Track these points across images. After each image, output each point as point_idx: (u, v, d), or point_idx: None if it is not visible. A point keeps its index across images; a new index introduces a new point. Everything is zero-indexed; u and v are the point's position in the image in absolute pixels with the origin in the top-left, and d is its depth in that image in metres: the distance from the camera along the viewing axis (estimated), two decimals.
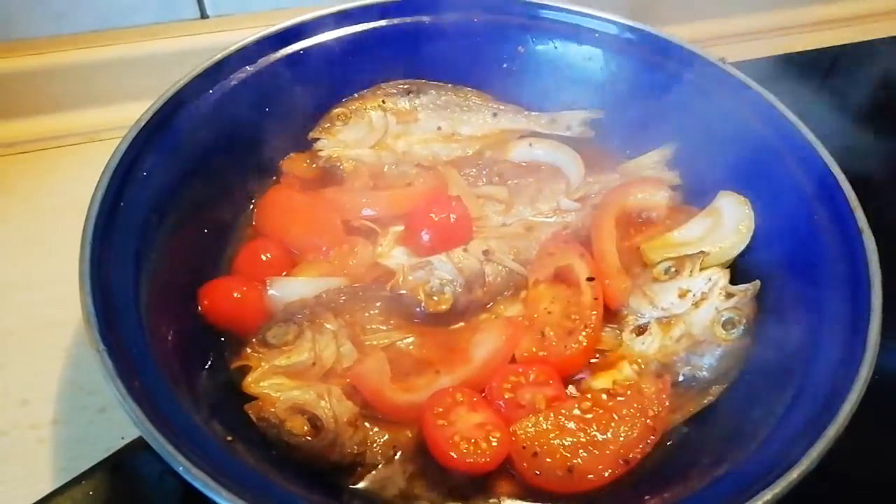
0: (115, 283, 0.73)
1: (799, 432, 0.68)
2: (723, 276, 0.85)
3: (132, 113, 1.15)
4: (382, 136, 1.07)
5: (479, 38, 1.10)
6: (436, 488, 0.75)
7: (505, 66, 1.12)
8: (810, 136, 0.89)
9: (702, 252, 0.88)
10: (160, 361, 0.71)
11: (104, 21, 1.16)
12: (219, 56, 0.96)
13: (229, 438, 0.66)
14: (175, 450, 0.58)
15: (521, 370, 0.81)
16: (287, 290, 0.87)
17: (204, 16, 1.22)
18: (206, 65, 0.95)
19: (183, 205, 0.89)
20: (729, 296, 0.83)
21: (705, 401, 0.81)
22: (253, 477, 0.62)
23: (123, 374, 0.64)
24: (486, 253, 0.91)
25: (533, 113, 1.12)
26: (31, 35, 1.14)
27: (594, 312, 0.85)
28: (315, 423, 0.75)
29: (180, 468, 0.57)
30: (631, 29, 1.06)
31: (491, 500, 0.75)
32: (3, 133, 1.16)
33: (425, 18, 1.09)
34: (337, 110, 1.06)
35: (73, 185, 1.11)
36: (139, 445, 0.62)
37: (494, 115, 1.12)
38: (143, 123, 0.86)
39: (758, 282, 0.83)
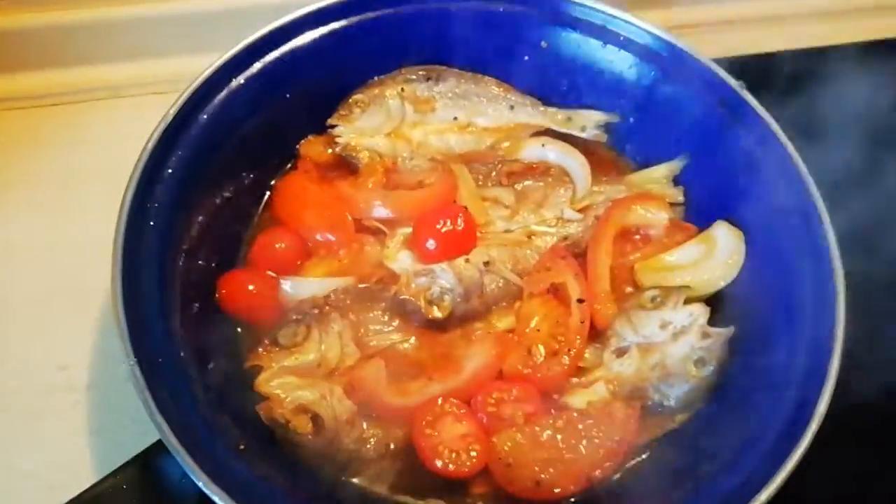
0: (143, 290, 0.81)
1: (757, 467, 0.77)
2: (703, 315, 0.91)
3: (154, 70, 1.19)
4: (399, 124, 1.10)
5: (502, 29, 1.10)
6: (421, 485, 0.86)
7: (526, 58, 1.12)
8: (813, 190, 0.91)
9: (687, 287, 0.94)
10: (182, 362, 0.80)
11: None
12: (242, 44, 0.98)
13: (241, 447, 0.76)
14: (196, 465, 0.68)
15: (505, 386, 0.89)
16: (299, 287, 0.94)
17: None
18: (231, 53, 0.97)
19: (207, 196, 0.95)
20: (705, 336, 0.89)
21: (669, 427, 0.90)
22: (262, 487, 0.72)
23: (152, 385, 0.72)
24: (486, 264, 0.97)
25: (549, 109, 1.13)
26: None
27: (579, 337, 0.92)
28: (317, 421, 0.84)
29: (201, 483, 0.67)
30: (658, 38, 1.05)
31: (468, 501, 0.86)
32: (31, 85, 1.19)
33: (451, 6, 1.08)
34: (356, 97, 1.08)
35: (103, 142, 1.18)
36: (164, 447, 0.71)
37: (511, 107, 1.13)
38: (169, 119, 0.90)
39: (732, 328, 0.89)
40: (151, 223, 0.85)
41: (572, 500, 0.85)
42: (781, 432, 0.77)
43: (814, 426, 0.76)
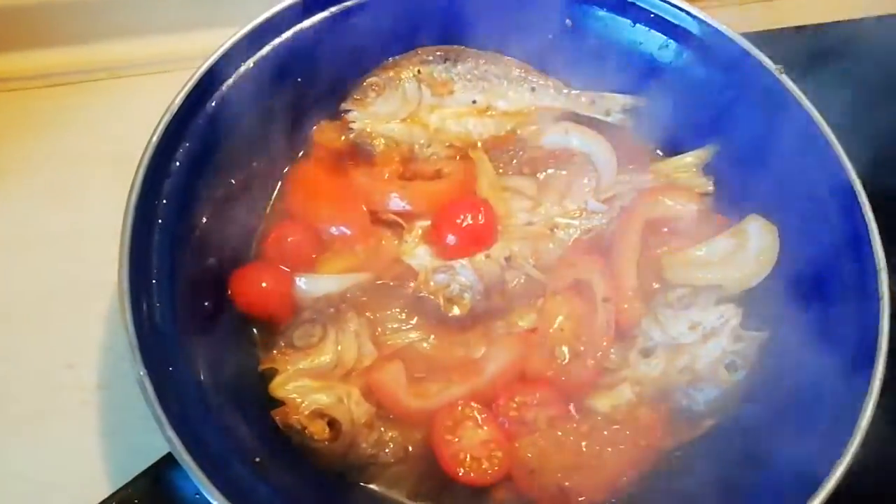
0: (153, 293, 0.77)
1: (794, 479, 0.74)
2: (735, 316, 0.87)
3: (154, 49, 1.13)
4: (416, 108, 1.04)
5: (524, 5, 1.04)
6: (440, 491, 0.84)
7: (550, 37, 1.06)
8: (854, 179, 0.86)
9: (718, 286, 0.89)
10: (194, 369, 0.77)
11: None
12: (250, 25, 0.92)
13: (257, 460, 0.73)
14: (211, 483, 0.65)
15: (527, 390, 0.86)
16: (314, 284, 0.90)
17: None
18: (239, 35, 0.91)
19: (217, 189, 0.90)
20: (737, 339, 0.86)
21: (697, 432, 0.87)
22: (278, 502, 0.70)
23: (163, 398, 0.69)
24: (507, 259, 0.93)
25: (573, 92, 1.08)
26: None
27: (605, 340, 0.88)
28: (334, 425, 0.82)
29: (216, 502, 0.65)
30: (691, 17, 0.99)
31: None
32: (24, 65, 1.14)
33: None
34: (371, 80, 1.03)
35: (102, 125, 1.13)
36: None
37: (533, 89, 1.08)
38: (175, 109, 0.85)
39: (767, 332, 0.86)
40: (159, 221, 0.81)
41: None
42: (820, 445, 0.74)
43: (857, 439, 0.72)
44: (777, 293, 0.90)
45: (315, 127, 1.03)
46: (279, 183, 1.00)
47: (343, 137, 1.02)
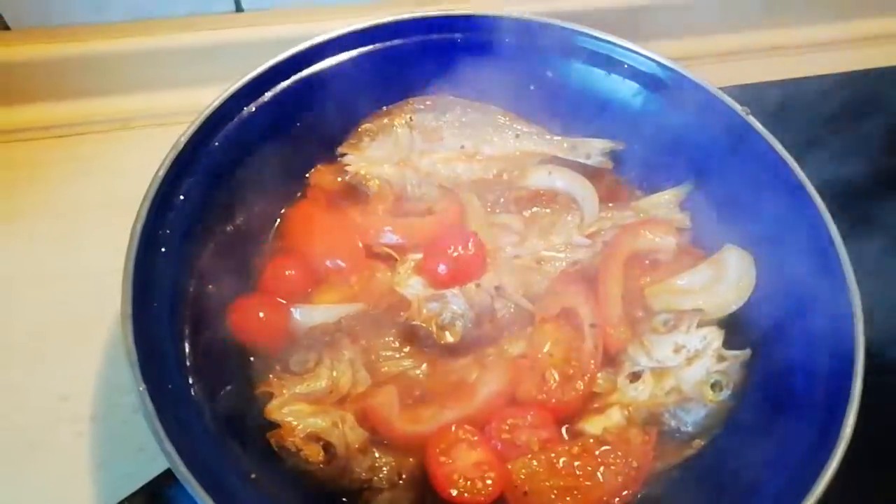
0: (154, 316, 0.79)
1: (780, 494, 0.76)
2: (717, 338, 0.90)
3: (162, 102, 1.20)
4: (407, 153, 1.10)
5: (508, 59, 1.11)
6: None
7: (532, 88, 1.14)
8: (823, 211, 0.92)
9: (700, 310, 0.93)
10: (193, 389, 0.79)
11: (139, 11, 1.18)
12: (254, 73, 0.98)
13: (252, 476, 0.74)
14: (207, 496, 0.66)
15: (519, 413, 0.87)
16: (310, 314, 0.93)
17: (239, 9, 1.23)
18: (243, 82, 0.97)
19: (218, 223, 0.94)
20: (721, 359, 0.89)
21: (687, 453, 0.88)
22: None
23: (162, 413, 0.71)
24: (497, 289, 0.97)
25: (555, 137, 1.14)
26: (69, 22, 1.16)
27: (593, 362, 0.91)
28: (328, 449, 0.83)
29: None
30: (661, 66, 1.07)
31: None
32: (38, 116, 1.20)
33: (457, 37, 1.10)
34: (365, 126, 1.09)
35: (106, 174, 1.18)
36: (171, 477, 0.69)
37: (517, 136, 1.14)
38: (181, 146, 0.90)
39: (748, 350, 0.89)
40: (163, 249, 0.84)
41: None
42: (804, 458, 0.76)
43: (839, 451, 0.74)
44: (756, 315, 0.93)
45: (312, 170, 1.08)
46: (277, 221, 1.04)
47: (339, 179, 1.07)
